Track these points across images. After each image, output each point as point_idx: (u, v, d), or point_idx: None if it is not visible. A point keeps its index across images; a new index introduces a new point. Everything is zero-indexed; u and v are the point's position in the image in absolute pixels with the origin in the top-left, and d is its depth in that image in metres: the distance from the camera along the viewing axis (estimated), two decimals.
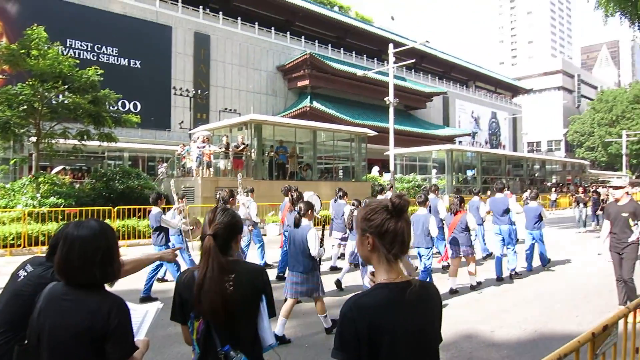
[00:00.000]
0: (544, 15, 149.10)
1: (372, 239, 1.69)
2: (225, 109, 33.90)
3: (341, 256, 10.33)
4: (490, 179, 34.34)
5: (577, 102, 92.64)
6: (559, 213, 28.07)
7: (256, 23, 38.73)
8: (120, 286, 2.15)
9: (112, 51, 30.21)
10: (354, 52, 46.98)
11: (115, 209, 13.96)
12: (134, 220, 14.43)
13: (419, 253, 7.58)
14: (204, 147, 18.13)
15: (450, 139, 47.89)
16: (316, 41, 43.45)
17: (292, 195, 8.40)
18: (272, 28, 39.94)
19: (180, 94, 28.46)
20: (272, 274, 8.51)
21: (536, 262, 10.08)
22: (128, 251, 12.92)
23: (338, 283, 8.03)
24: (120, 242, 13.57)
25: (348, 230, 8.47)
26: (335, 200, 10.45)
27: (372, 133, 24.61)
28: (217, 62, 35.85)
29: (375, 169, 29.72)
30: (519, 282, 8.81)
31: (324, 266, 8.47)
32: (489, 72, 72.11)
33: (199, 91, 30.91)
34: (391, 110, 23.75)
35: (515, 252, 9.08)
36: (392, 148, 23.78)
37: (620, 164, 62.28)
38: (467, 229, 8.04)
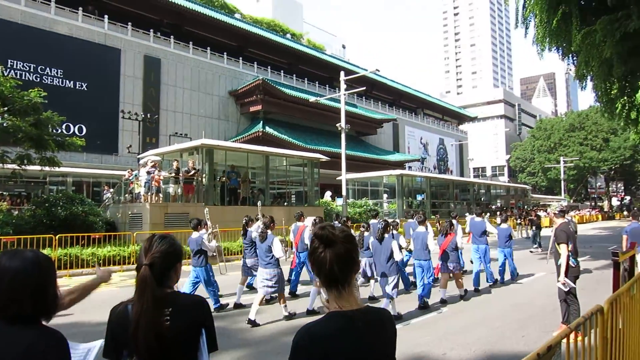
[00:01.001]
0: (486, 47, 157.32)
1: (313, 267, 1.70)
2: (176, 133, 33.28)
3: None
4: (439, 203, 35.29)
5: (519, 130, 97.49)
6: None
7: (208, 48, 38.61)
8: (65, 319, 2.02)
9: (57, 73, 29.18)
10: (306, 78, 47.59)
11: (57, 236, 13.30)
12: (77, 249, 13.80)
13: (420, 265, 8.55)
14: (153, 172, 17.67)
15: (400, 164, 48.98)
16: (269, 67, 43.76)
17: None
18: (225, 53, 39.92)
19: (129, 118, 27.76)
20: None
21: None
22: (71, 281, 12.30)
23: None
24: (62, 272, 12.90)
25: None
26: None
27: (324, 158, 24.84)
28: (167, 85, 35.34)
29: (328, 194, 29.89)
30: (469, 303, 9.02)
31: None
32: (436, 100, 74.83)
33: (149, 115, 30.26)
34: (343, 136, 24.12)
35: (489, 266, 10.64)
36: (344, 173, 24.05)
37: (559, 188, 65.66)
38: (456, 248, 9.12)
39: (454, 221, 11.70)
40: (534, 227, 20.51)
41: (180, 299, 2.08)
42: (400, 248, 8.01)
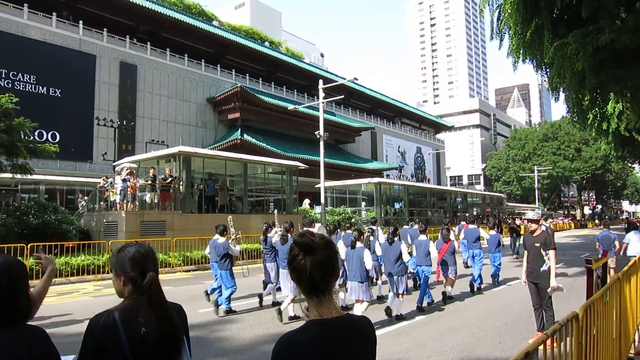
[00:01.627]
0: (462, 58, 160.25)
1: (292, 274, 1.68)
2: (153, 140, 32.87)
3: None
4: (416, 211, 35.58)
5: (494, 139, 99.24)
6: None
7: (186, 55, 38.35)
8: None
9: (30, 79, 28.55)
10: (284, 86, 47.64)
11: (29, 245, 12.93)
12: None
13: (422, 270, 9.38)
14: (128, 179, 17.38)
15: (378, 173, 49.30)
16: (247, 74, 43.68)
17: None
18: (203, 60, 39.71)
19: (104, 125, 27.30)
20: None
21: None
22: None
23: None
24: (34, 282, 12.50)
25: None
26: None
27: (303, 166, 24.84)
28: (144, 92, 34.92)
29: (307, 202, 29.87)
30: (446, 310, 9.09)
31: None
32: (413, 109, 75.73)
33: (125, 122, 29.83)
34: (321, 143, 24.17)
35: (480, 269, 11.49)
36: (323, 181, 24.08)
37: (534, 196, 66.93)
38: (454, 253, 10.17)
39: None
40: (514, 234, 20.97)
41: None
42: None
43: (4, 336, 1.68)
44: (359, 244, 7.55)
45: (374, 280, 10.18)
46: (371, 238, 9.58)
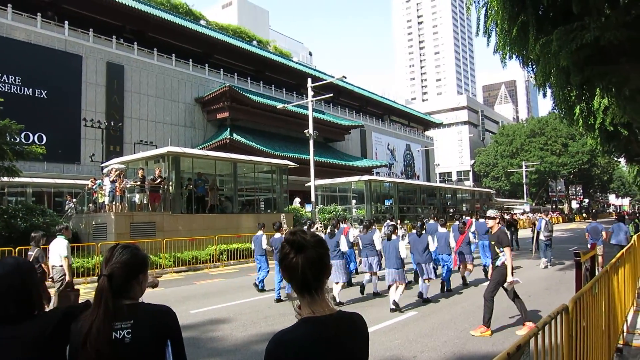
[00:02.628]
0: (449, 55, 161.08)
1: (284, 273, 1.68)
2: (141, 141, 32.63)
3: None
4: (406, 208, 35.74)
5: (482, 135, 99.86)
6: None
7: (173, 54, 38.09)
8: None
9: (15, 80, 28.17)
10: (273, 85, 47.53)
11: (17, 249, 12.80)
12: None
13: (442, 258, 10.86)
14: (117, 180, 17.25)
15: (368, 170, 49.40)
16: (235, 74, 43.49)
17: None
18: (190, 60, 39.46)
19: (92, 126, 27.05)
20: None
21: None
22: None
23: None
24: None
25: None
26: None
27: (293, 165, 24.82)
28: (131, 93, 34.64)
29: (297, 200, 29.86)
30: (437, 305, 9.15)
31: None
32: (402, 106, 75.93)
33: (112, 123, 29.57)
34: (311, 142, 24.19)
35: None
36: (313, 179, 24.10)
37: (522, 192, 67.55)
38: (469, 243, 11.71)
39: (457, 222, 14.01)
40: (511, 228, 22.16)
41: (143, 310, 1.98)
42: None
43: (24, 331, 1.91)
44: (394, 237, 9.03)
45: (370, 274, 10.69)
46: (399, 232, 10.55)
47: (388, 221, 13.72)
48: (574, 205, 77.79)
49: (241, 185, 24.67)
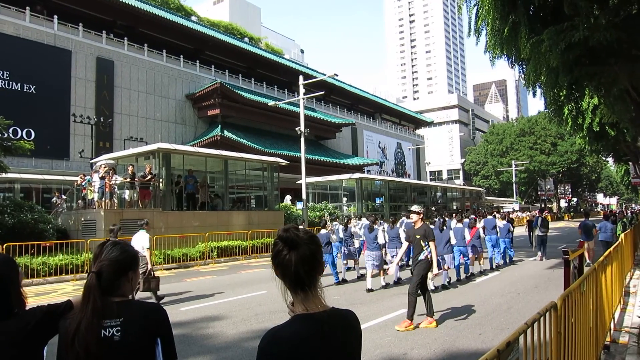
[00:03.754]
0: (440, 54, 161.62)
1: (277, 270, 1.67)
2: (131, 137, 32.40)
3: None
4: (397, 206, 35.86)
5: (472, 134, 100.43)
6: None
7: (164, 50, 37.81)
8: None
9: (3, 74, 27.80)
10: (264, 82, 47.37)
11: (5, 245, 12.68)
12: (27, 258, 13.20)
13: (459, 250, 12.20)
14: (106, 177, 17.12)
15: (359, 168, 49.48)
16: (227, 71, 43.29)
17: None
18: (181, 56, 39.21)
19: (81, 122, 26.81)
20: None
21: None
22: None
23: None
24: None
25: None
26: None
27: (284, 162, 24.80)
28: (121, 88, 34.35)
29: (288, 198, 29.85)
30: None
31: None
32: (393, 105, 76.09)
33: (102, 118, 29.33)
34: (302, 139, 24.16)
35: (499, 252, 14.97)
36: (304, 177, 24.09)
37: (511, 190, 68.06)
38: (479, 237, 13.34)
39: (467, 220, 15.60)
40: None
41: (133, 308, 1.96)
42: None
43: (3, 325, 1.86)
44: (445, 229, 11.43)
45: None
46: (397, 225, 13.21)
47: (404, 218, 14.51)
48: (563, 204, 78.53)
49: (232, 183, 24.61)
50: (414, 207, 7.83)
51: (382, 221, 14.90)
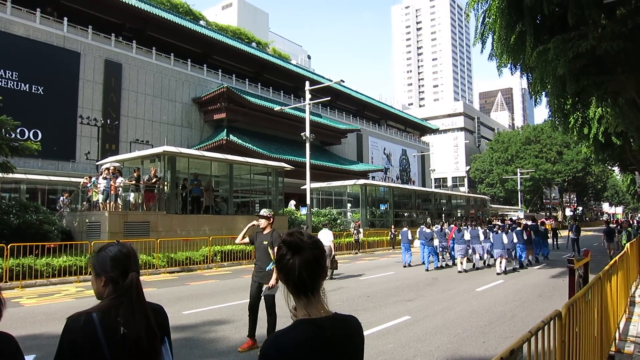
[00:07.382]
0: (447, 62, 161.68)
1: (280, 274, 1.67)
2: (137, 140, 32.56)
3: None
4: (401, 213, 35.79)
5: (478, 142, 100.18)
6: None
7: (172, 54, 38.05)
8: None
9: (12, 75, 28.06)
10: (271, 87, 47.53)
11: (9, 246, 12.72)
12: (31, 259, 13.23)
13: (474, 248, 16.46)
14: (110, 179, 17.18)
15: (364, 174, 49.47)
16: (233, 75, 43.48)
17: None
18: (189, 60, 39.44)
19: (88, 123, 26.97)
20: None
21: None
22: (24, 292, 11.81)
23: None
24: (14, 283, 12.36)
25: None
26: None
27: (288, 167, 24.83)
28: (129, 91, 34.56)
29: (292, 203, 29.85)
30: (430, 310, 9.16)
31: None
32: (399, 111, 76.14)
33: (109, 121, 29.52)
34: (307, 145, 24.20)
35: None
36: (309, 182, 24.11)
37: (516, 199, 67.79)
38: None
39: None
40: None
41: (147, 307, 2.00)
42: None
43: None
44: (500, 231, 15.26)
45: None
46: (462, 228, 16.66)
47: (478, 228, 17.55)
48: (568, 212, 78.09)
49: (236, 187, 24.62)
50: (263, 211, 6.89)
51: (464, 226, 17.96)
